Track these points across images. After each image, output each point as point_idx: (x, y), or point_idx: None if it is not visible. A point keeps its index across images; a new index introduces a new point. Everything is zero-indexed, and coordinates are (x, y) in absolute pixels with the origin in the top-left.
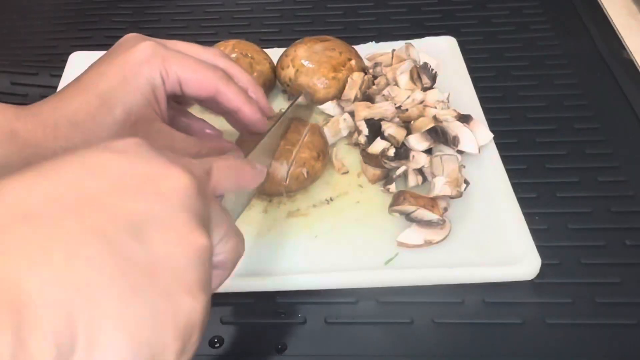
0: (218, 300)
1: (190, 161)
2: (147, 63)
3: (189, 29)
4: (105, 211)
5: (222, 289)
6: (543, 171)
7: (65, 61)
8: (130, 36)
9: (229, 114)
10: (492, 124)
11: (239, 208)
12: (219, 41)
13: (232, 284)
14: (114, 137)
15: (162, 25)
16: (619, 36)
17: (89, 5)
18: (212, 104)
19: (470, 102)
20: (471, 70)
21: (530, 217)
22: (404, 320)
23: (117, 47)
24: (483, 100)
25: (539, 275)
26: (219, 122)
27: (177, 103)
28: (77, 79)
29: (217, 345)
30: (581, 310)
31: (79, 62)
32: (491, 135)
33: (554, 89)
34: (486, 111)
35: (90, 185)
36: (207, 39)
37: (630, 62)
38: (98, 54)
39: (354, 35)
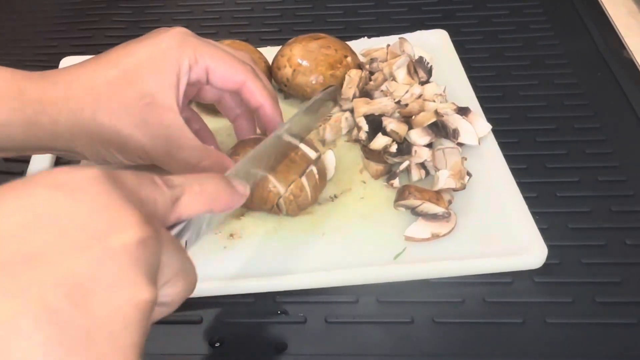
0: (218, 300)
1: (156, 192)
2: (178, 47)
3: (189, 29)
4: (47, 272)
5: (223, 289)
6: (543, 171)
7: None
8: (164, 28)
9: (240, 118)
10: (492, 123)
11: (209, 226)
12: (219, 41)
13: (239, 285)
14: (123, 114)
15: (162, 25)
16: (619, 36)
17: (89, 5)
18: (229, 103)
19: (466, 94)
20: (471, 69)
21: None
22: (404, 320)
23: (151, 33)
24: (483, 100)
25: (539, 275)
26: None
27: (194, 99)
28: (103, 54)
29: (217, 345)
30: (581, 309)
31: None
32: (489, 126)
33: (554, 88)
34: (486, 110)
35: (34, 238)
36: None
37: (630, 62)
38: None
39: (354, 34)
